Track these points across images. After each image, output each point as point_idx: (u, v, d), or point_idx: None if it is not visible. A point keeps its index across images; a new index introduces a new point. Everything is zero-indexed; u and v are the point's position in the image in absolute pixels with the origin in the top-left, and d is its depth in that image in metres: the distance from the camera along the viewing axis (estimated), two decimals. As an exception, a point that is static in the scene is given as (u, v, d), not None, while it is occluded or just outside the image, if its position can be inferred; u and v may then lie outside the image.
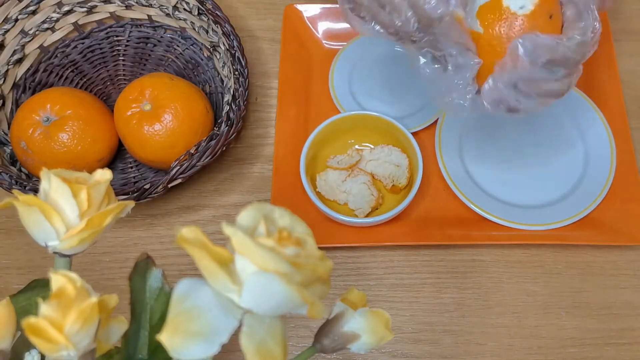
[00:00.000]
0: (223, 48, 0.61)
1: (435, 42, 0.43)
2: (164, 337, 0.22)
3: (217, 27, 0.60)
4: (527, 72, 0.43)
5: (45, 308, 0.23)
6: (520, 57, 0.42)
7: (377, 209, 0.58)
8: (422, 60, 0.46)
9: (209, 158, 0.54)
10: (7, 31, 0.62)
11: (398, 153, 0.59)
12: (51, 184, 0.27)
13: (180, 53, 0.67)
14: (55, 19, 0.65)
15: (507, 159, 0.61)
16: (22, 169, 0.60)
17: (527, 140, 0.62)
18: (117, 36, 0.68)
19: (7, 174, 0.53)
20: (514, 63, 0.43)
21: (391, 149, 0.59)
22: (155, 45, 0.68)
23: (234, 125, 0.55)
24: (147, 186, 0.52)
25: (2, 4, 0.60)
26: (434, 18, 0.42)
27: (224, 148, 0.55)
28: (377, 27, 0.45)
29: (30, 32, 0.64)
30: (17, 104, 0.64)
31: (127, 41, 0.68)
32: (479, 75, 0.45)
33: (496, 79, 0.44)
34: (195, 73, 0.66)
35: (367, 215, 0.57)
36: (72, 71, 0.67)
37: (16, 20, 0.62)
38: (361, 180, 0.58)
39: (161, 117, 0.56)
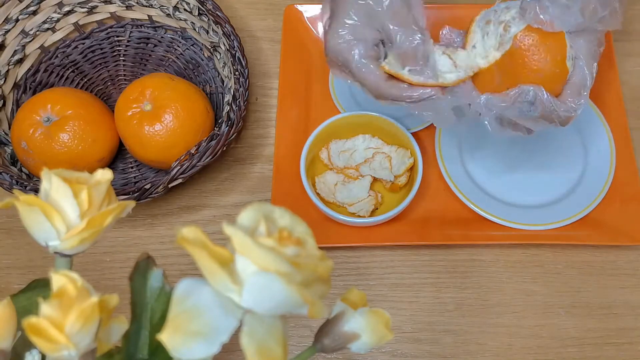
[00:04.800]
0: (223, 48, 0.61)
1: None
2: (165, 337, 0.22)
3: (218, 27, 0.60)
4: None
5: (46, 308, 0.23)
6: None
7: (377, 208, 0.58)
8: None
9: (209, 158, 0.54)
10: (7, 31, 0.62)
11: (401, 152, 0.59)
12: (52, 183, 0.27)
13: (181, 53, 0.67)
14: (55, 19, 0.65)
15: (507, 159, 0.61)
16: (23, 169, 0.60)
17: (526, 141, 0.62)
18: (117, 36, 0.68)
19: (7, 174, 0.53)
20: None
21: (391, 148, 0.59)
22: (155, 46, 0.68)
23: (235, 126, 0.55)
24: (147, 186, 0.52)
25: (3, 4, 0.61)
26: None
27: (225, 148, 0.55)
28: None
29: (31, 32, 0.64)
30: (17, 104, 0.64)
31: (128, 41, 0.68)
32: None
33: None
34: (195, 73, 0.66)
35: (368, 215, 0.57)
36: (73, 71, 0.67)
37: (17, 20, 0.62)
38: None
39: (162, 117, 0.56)
